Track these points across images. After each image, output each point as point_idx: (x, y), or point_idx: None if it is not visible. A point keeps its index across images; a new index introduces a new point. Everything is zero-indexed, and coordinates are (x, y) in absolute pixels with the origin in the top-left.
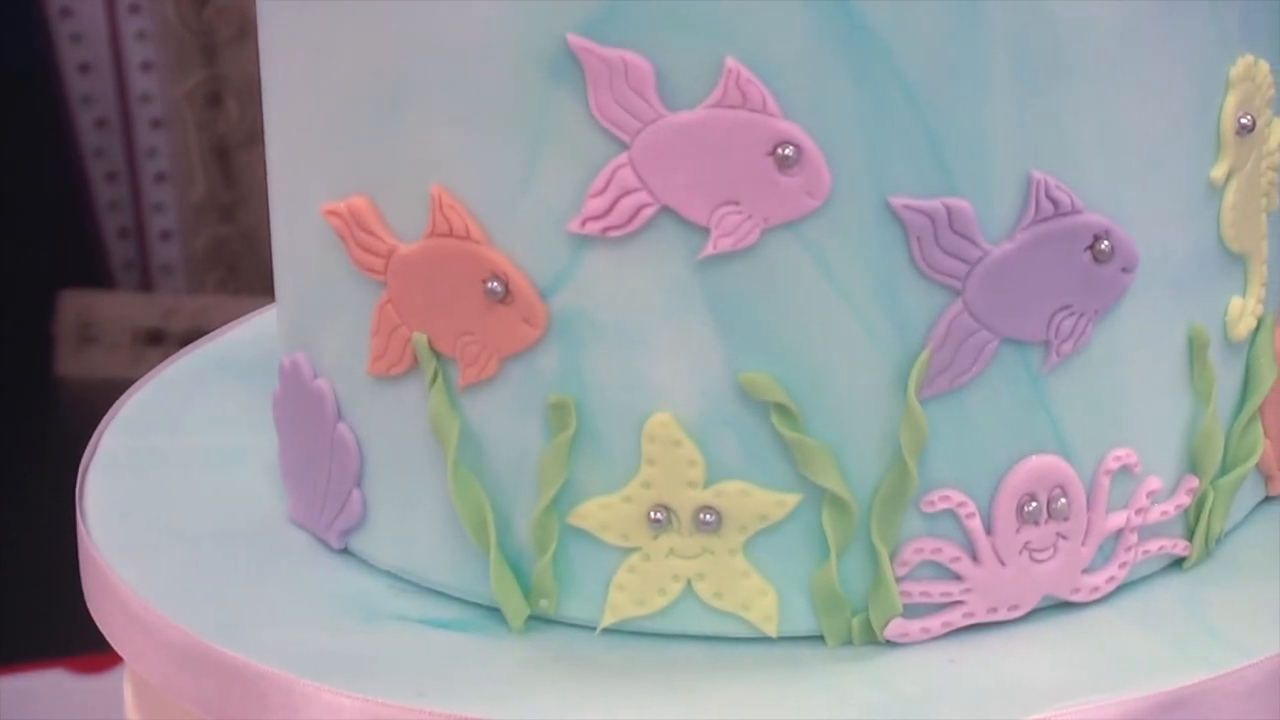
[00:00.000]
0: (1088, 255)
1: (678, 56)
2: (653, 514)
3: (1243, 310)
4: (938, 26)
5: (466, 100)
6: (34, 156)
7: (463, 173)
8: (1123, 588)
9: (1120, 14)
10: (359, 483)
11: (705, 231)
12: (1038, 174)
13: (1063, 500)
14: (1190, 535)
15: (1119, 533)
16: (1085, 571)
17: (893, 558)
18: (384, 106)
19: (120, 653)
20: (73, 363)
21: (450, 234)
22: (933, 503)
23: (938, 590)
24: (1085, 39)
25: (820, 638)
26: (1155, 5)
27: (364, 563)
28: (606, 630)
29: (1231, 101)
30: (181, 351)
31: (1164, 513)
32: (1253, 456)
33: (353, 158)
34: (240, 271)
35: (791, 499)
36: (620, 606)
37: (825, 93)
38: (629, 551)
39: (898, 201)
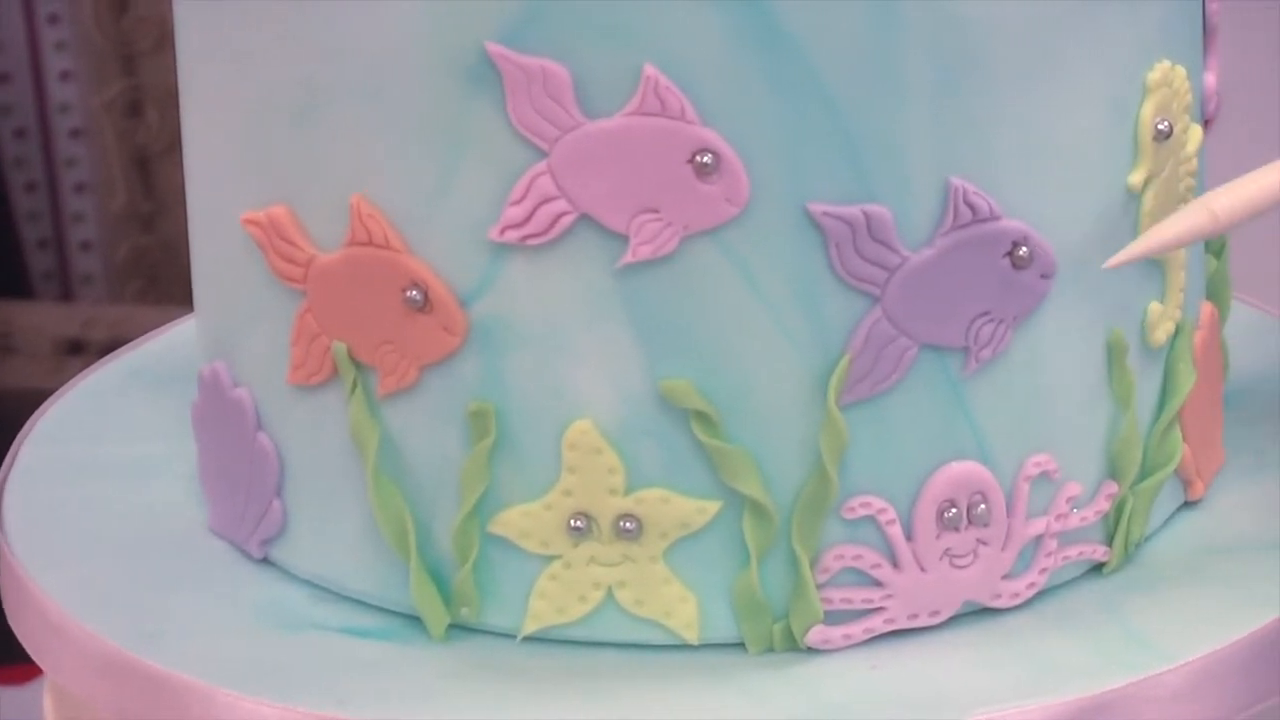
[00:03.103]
0: (1006, 261)
1: (596, 64)
2: (573, 522)
3: (1161, 316)
4: (854, 32)
5: (384, 109)
6: None
7: (381, 181)
8: (1043, 593)
9: (1036, 18)
10: (279, 492)
11: (625, 239)
12: (956, 180)
13: (983, 506)
14: (1110, 541)
15: (1039, 538)
16: (1006, 577)
17: (813, 564)
18: (302, 115)
19: (40, 663)
20: None
21: (370, 243)
22: (853, 509)
23: (859, 596)
24: (1002, 43)
25: (742, 645)
26: (1071, 10)
27: (284, 572)
28: (528, 638)
29: (1149, 107)
30: (101, 361)
31: (1084, 518)
32: (1172, 462)
33: (271, 167)
34: (161, 281)
35: (712, 506)
36: (541, 614)
37: (743, 99)
38: (550, 559)
39: (816, 208)
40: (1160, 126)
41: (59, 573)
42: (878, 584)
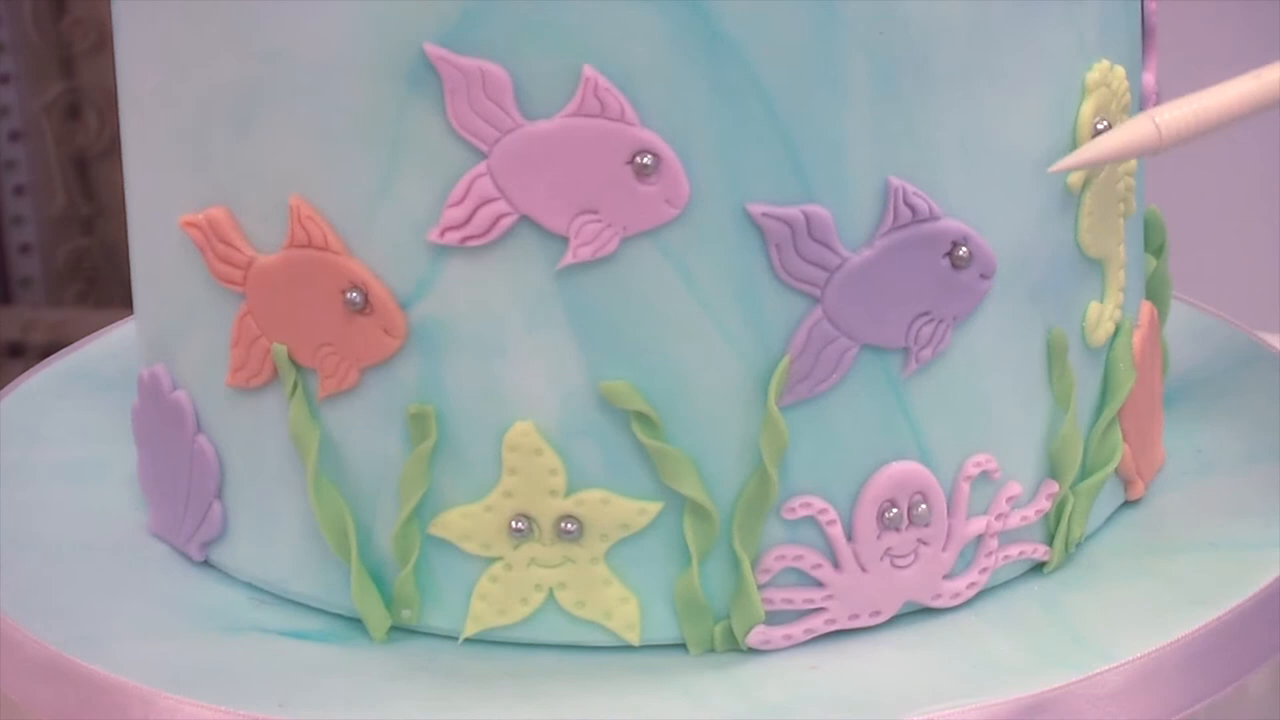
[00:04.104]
0: (946, 262)
1: (536, 66)
2: (514, 523)
3: (1101, 315)
4: (794, 33)
5: (323, 111)
6: None
7: (321, 183)
8: (984, 593)
9: (975, 18)
10: (219, 494)
11: (565, 241)
12: (895, 180)
13: (923, 506)
14: (1050, 540)
15: (980, 538)
16: (946, 577)
17: (754, 565)
18: (241, 117)
19: None
20: None
21: (309, 245)
22: (794, 510)
23: (800, 597)
24: (941, 44)
25: (683, 645)
26: (1010, 10)
27: (225, 575)
28: (469, 640)
29: (1088, 107)
30: (41, 364)
31: (1024, 518)
32: (1112, 461)
33: (211, 169)
34: (100, 284)
35: (653, 507)
36: (482, 616)
37: (683, 100)
38: (491, 561)
39: (756, 209)
40: (1099, 127)
41: None
42: (818, 584)
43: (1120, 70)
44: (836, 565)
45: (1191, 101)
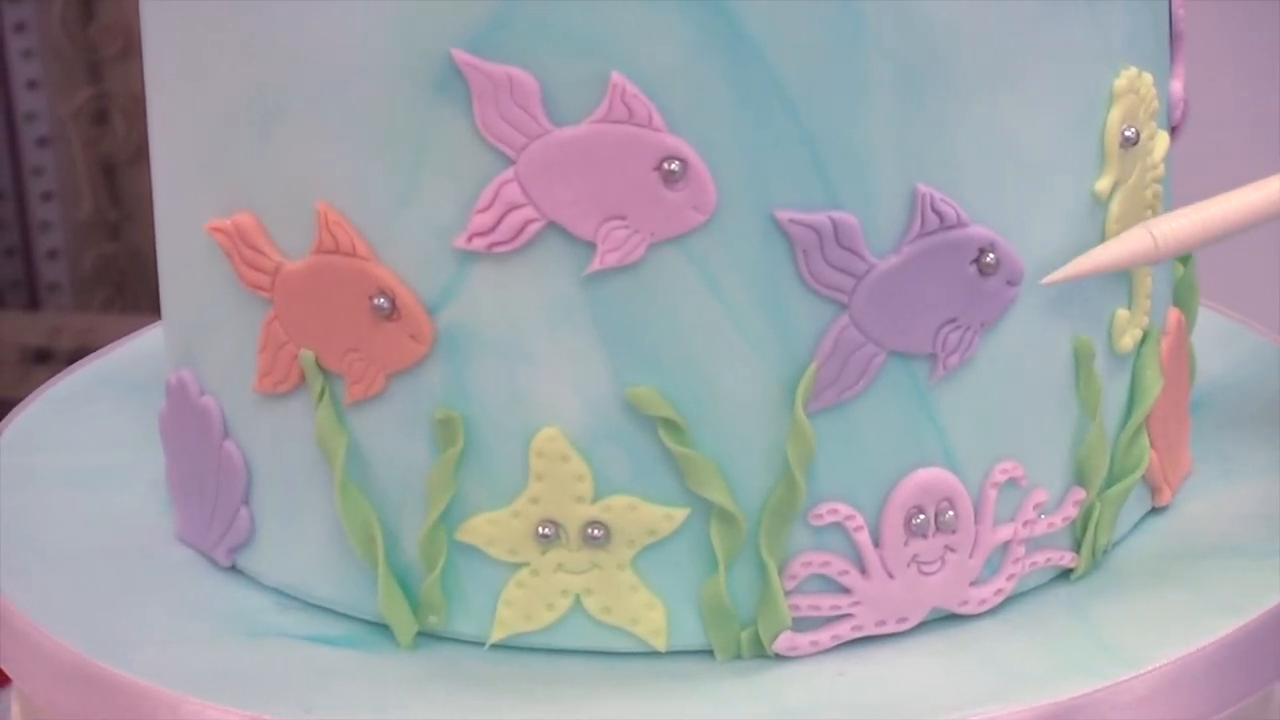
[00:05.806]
0: (973, 268)
1: (563, 72)
2: (541, 529)
3: (1128, 322)
4: (817, 38)
5: (350, 116)
6: None
7: (348, 189)
8: (1010, 599)
9: (1000, 23)
10: (246, 500)
11: (591, 247)
12: (923, 187)
13: (950, 513)
14: (1077, 547)
15: (1006, 545)
16: (973, 584)
17: (781, 571)
18: (267, 122)
19: (6, 670)
20: None
21: (336, 250)
22: (820, 516)
23: (826, 603)
24: (965, 48)
25: (709, 652)
26: (1036, 15)
27: (251, 580)
28: (495, 646)
29: (1115, 114)
30: (68, 369)
31: (1051, 525)
32: (1139, 468)
33: (237, 174)
34: (127, 289)
35: (679, 513)
36: (509, 622)
37: (709, 107)
38: (517, 567)
39: (784, 215)
40: (1127, 133)
41: (25, 580)
42: (845, 591)
43: (1148, 77)
44: (863, 572)
45: (1192, 212)
